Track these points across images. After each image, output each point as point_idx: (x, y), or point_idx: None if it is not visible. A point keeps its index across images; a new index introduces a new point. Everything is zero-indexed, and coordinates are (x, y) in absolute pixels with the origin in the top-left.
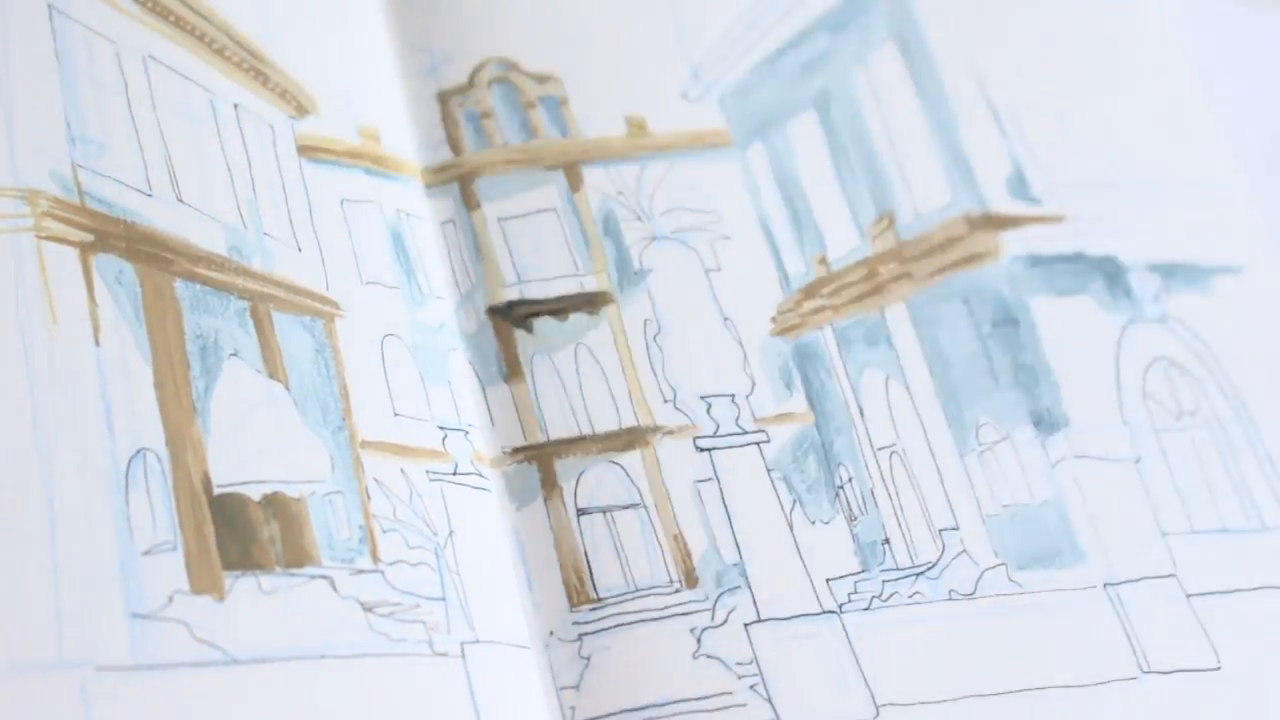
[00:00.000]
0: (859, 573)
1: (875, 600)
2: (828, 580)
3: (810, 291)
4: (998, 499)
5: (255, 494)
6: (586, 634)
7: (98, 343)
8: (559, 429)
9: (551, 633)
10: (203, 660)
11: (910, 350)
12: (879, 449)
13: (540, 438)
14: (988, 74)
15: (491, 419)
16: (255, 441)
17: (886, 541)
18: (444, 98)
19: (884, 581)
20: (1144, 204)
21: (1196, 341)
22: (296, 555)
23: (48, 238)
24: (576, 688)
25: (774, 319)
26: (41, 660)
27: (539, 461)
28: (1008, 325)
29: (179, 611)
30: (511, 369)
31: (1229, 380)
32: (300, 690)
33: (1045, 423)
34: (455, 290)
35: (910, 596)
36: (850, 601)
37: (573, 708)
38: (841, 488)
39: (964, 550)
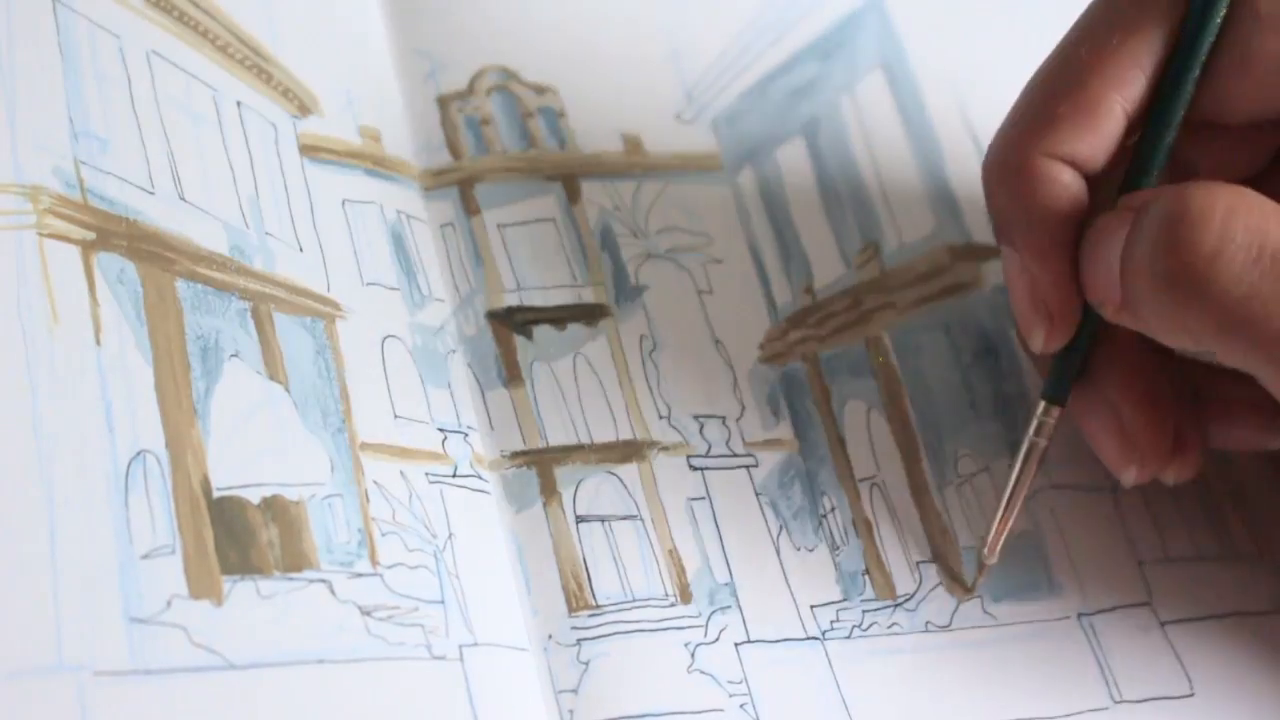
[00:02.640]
0: (841, 601)
1: (856, 630)
2: (812, 607)
3: (796, 321)
4: (975, 531)
5: (254, 497)
6: (585, 639)
7: (99, 343)
8: (558, 436)
9: (550, 636)
10: (201, 665)
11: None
12: (860, 480)
13: (539, 443)
14: (972, 105)
15: (490, 422)
16: (255, 444)
17: (866, 572)
18: (443, 102)
19: (864, 611)
20: None
21: None
22: (295, 559)
23: (50, 235)
24: (575, 691)
25: (762, 346)
26: (40, 665)
27: (538, 467)
28: (989, 355)
29: (177, 616)
30: (511, 374)
31: None
32: (298, 695)
33: None
34: (454, 293)
35: (889, 627)
36: (832, 629)
37: (571, 711)
38: (825, 516)
39: (940, 582)
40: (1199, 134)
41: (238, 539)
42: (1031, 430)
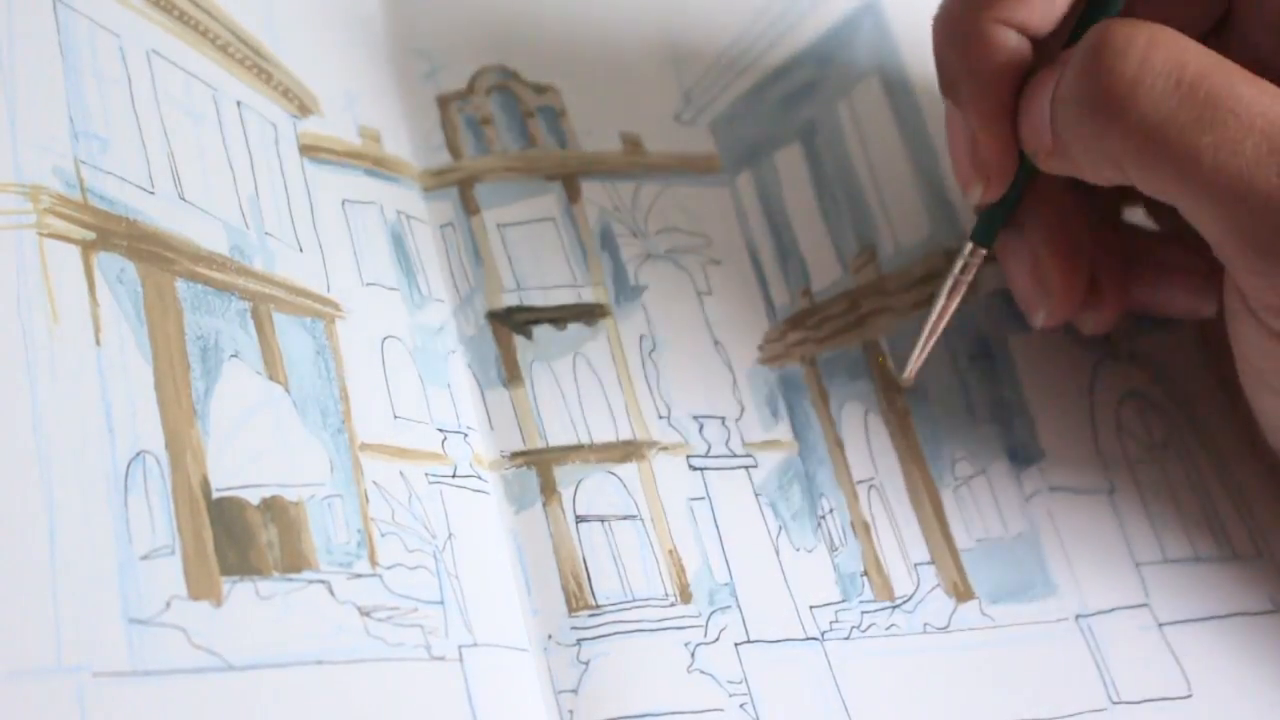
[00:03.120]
0: (839, 602)
1: (855, 630)
2: (811, 607)
3: (794, 323)
4: (972, 533)
5: (254, 498)
6: (585, 639)
7: (98, 343)
8: (558, 436)
9: (550, 636)
10: (200, 666)
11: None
12: (858, 482)
13: (539, 443)
14: None
15: (490, 422)
16: (254, 445)
17: (864, 573)
18: (443, 102)
19: (863, 613)
20: None
21: (1166, 378)
22: (294, 560)
23: (50, 235)
24: (575, 691)
25: (760, 347)
26: (39, 666)
27: (538, 467)
28: (985, 359)
29: (176, 617)
30: (511, 374)
31: (1195, 414)
32: (297, 696)
33: (1021, 456)
34: (454, 293)
35: (887, 628)
36: (831, 630)
37: (571, 711)
38: (824, 518)
39: (938, 584)
40: None
41: (237, 540)
42: (957, 269)
